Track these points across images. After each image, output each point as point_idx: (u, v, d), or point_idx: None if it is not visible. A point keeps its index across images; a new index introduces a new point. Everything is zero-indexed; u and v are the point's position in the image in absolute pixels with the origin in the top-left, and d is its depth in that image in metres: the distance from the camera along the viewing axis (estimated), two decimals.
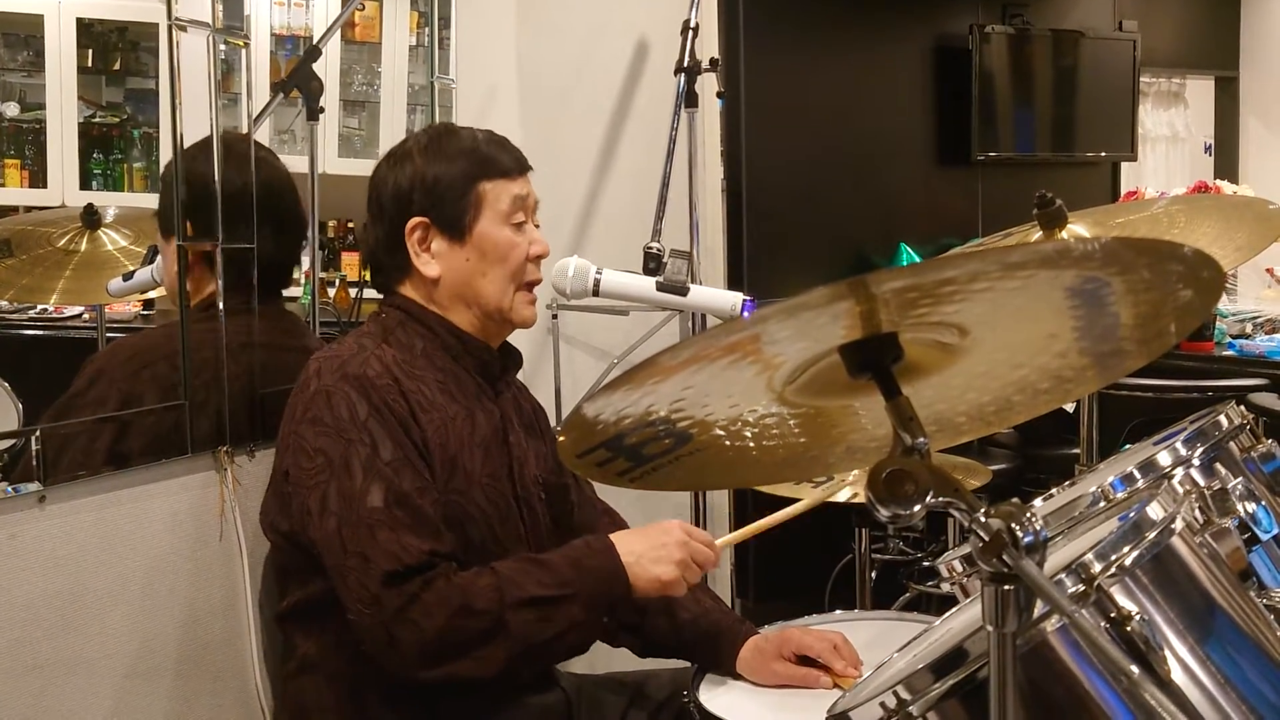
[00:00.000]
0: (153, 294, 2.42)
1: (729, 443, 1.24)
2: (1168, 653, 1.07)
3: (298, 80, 2.34)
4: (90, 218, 2.36)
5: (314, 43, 2.46)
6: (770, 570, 3.95)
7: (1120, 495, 1.53)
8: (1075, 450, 2.48)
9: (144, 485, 1.94)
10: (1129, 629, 1.06)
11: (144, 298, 2.52)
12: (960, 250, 3.14)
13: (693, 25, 2.65)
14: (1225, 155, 6.05)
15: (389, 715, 1.72)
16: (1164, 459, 1.57)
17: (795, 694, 1.72)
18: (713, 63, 2.78)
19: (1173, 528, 1.18)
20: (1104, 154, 5.23)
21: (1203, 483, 1.50)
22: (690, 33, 2.64)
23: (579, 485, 1.98)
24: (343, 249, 3.32)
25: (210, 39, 2.05)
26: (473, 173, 1.79)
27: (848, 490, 2.23)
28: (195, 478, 2.01)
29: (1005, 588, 0.98)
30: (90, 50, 2.58)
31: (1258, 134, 5.98)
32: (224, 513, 2.04)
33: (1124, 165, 5.42)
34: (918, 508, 1.03)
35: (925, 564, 3.49)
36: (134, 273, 2.25)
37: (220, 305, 2.04)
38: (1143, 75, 5.29)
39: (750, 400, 1.17)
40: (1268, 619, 1.23)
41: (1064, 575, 1.09)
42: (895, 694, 1.10)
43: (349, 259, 3.26)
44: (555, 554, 1.70)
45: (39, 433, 1.82)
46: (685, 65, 2.64)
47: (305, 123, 2.37)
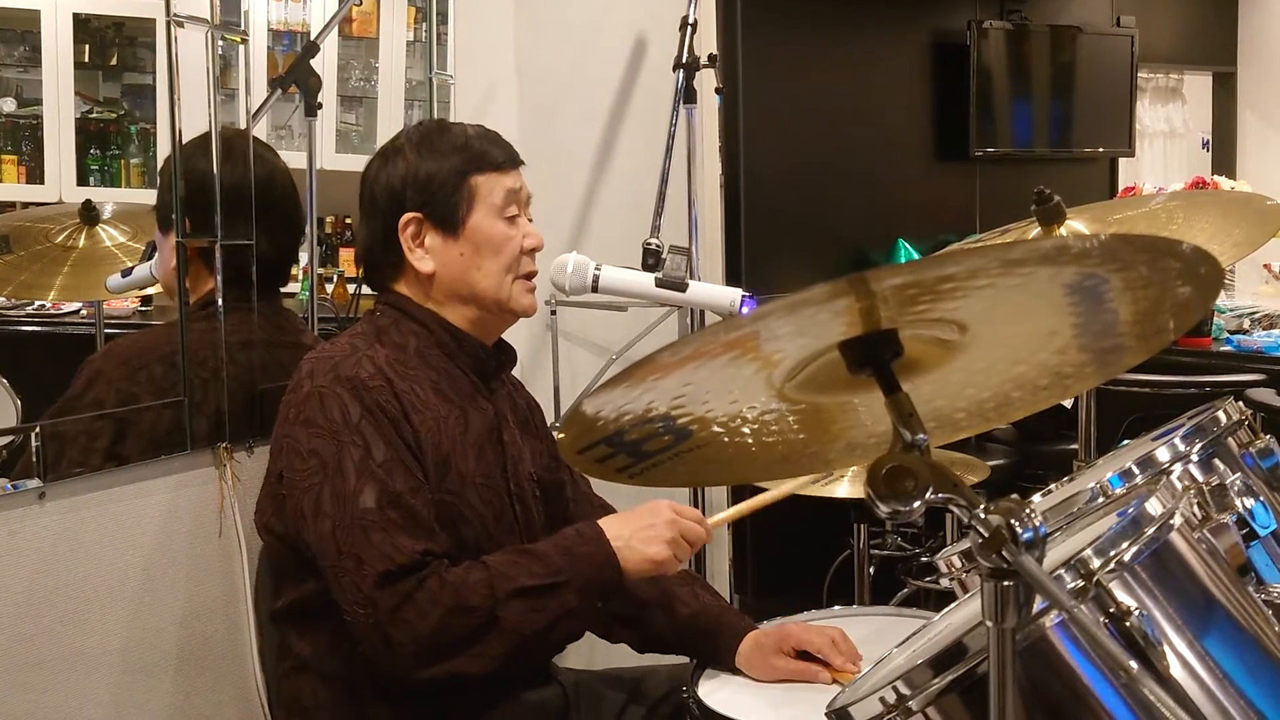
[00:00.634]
0: (150, 290, 2.42)
1: (728, 439, 1.24)
2: (1166, 648, 1.08)
3: (296, 76, 2.34)
4: (88, 214, 2.36)
5: (312, 38, 2.46)
6: (769, 566, 3.95)
7: (1119, 491, 1.53)
8: (1074, 446, 2.48)
9: (143, 482, 1.95)
10: (1128, 624, 1.06)
11: (142, 294, 2.52)
12: (959, 246, 3.14)
13: (691, 21, 2.65)
14: (1223, 151, 6.04)
15: (386, 713, 1.72)
16: (1162, 455, 1.57)
17: (794, 689, 1.72)
18: (711, 58, 2.78)
19: (1171, 523, 1.19)
20: (1102, 149, 5.22)
21: (1201, 478, 1.50)
22: (688, 28, 2.64)
23: (575, 481, 1.97)
24: (340, 245, 3.33)
25: (208, 34, 2.05)
26: (465, 167, 1.78)
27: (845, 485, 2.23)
28: (194, 474, 2.02)
29: (1004, 583, 0.98)
30: (87, 45, 2.58)
31: (1255, 129, 5.98)
32: (223, 509, 2.04)
33: (1122, 161, 5.41)
34: (918, 504, 1.03)
35: (924, 559, 3.49)
36: (133, 269, 2.25)
37: (219, 302, 2.04)
38: (1140, 71, 5.28)
39: (750, 397, 1.17)
40: (1266, 614, 1.24)
41: (1063, 571, 1.09)
42: (894, 689, 1.11)
43: (347, 255, 3.27)
44: (545, 543, 1.70)
45: (39, 429, 1.82)
46: (684, 61, 2.64)
47: (303, 118, 2.37)
